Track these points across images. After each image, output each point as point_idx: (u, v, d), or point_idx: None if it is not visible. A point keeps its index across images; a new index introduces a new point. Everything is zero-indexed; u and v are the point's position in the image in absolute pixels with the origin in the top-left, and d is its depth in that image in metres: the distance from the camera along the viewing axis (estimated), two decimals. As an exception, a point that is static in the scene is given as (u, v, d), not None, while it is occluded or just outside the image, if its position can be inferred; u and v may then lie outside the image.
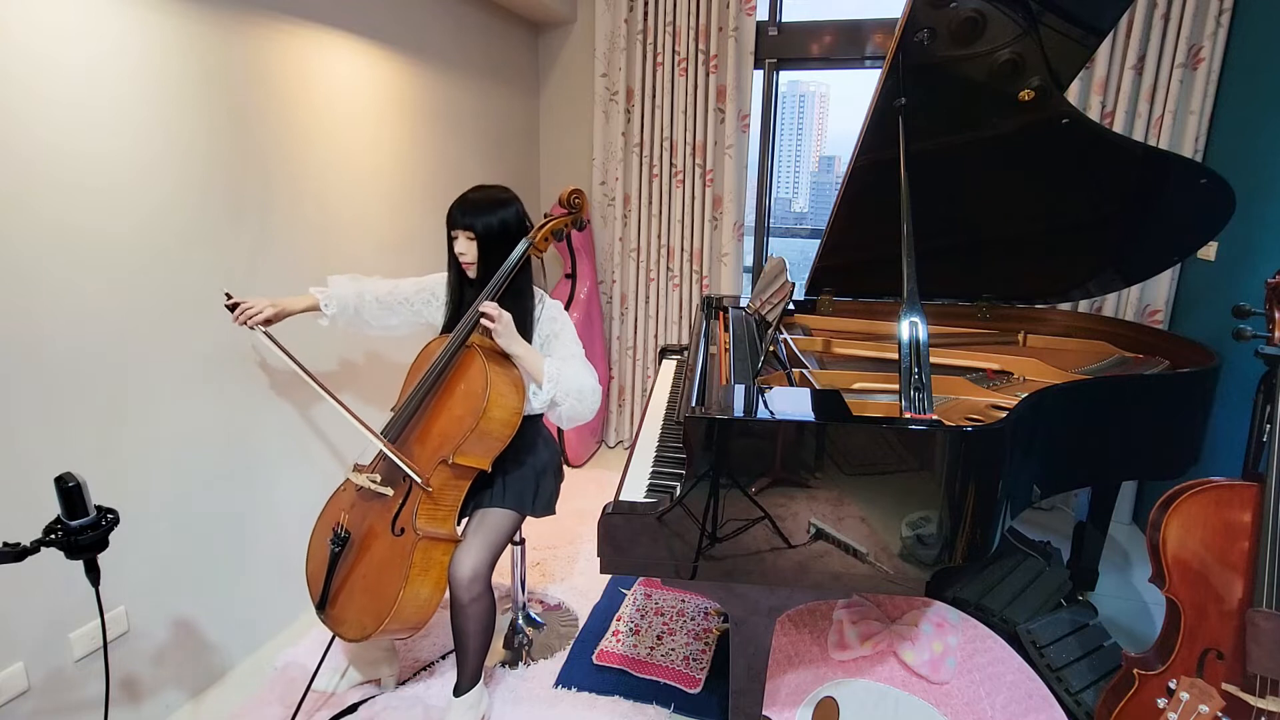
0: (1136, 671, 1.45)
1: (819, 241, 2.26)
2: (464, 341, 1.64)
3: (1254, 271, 2.23)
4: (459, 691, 1.70)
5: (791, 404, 1.41)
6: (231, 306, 1.67)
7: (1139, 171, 1.92)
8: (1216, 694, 1.35)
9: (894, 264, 1.52)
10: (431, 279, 1.86)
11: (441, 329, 1.79)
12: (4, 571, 1.32)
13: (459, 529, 1.70)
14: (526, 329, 1.71)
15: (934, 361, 2.02)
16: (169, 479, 1.73)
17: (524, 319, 1.70)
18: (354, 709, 1.80)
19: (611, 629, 2.15)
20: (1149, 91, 2.58)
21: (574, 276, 3.30)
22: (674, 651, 2.05)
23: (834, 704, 1.74)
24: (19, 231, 1.36)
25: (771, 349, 1.87)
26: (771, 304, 1.86)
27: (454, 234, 1.68)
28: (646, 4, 3.06)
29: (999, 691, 1.76)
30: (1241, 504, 1.36)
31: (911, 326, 1.41)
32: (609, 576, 2.39)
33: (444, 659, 2.00)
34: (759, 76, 3.11)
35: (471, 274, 1.70)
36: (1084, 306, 2.78)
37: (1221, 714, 1.34)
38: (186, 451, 1.77)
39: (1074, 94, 2.64)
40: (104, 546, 1.14)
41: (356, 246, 2.27)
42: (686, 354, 2.36)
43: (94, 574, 1.16)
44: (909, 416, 1.32)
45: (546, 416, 1.72)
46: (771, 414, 1.33)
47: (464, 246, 1.66)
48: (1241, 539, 1.35)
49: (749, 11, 2.94)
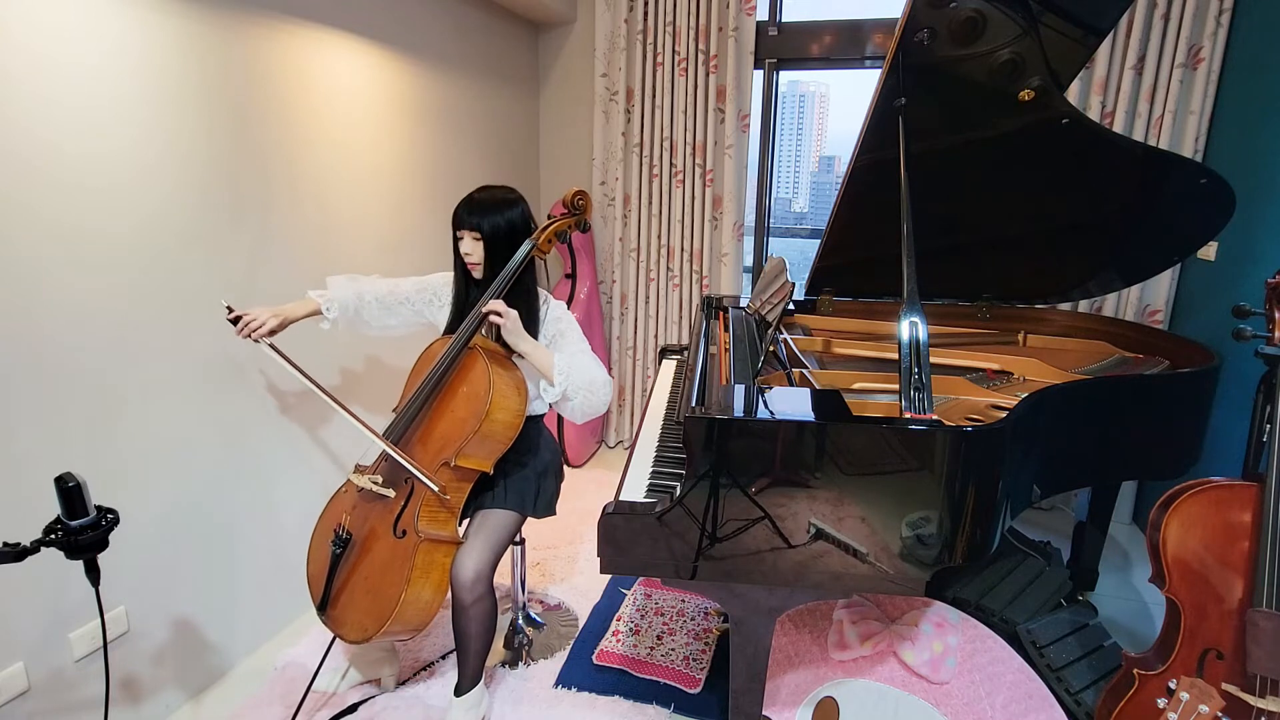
0: (1136, 671, 1.45)
1: (819, 241, 2.26)
2: (467, 343, 1.64)
3: (1254, 271, 2.23)
4: (460, 692, 1.70)
5: (791, 404, 1.41)
6: (234, 320, 1.63)
7: (1139, 171, 1.91)
8: (1216, 694, 1.35)
9: (894, 264, 1.52)
10: (434, 278, 1.85)
11: (444, 330, 1.79)
12: (4, 571, 1.32)
13: (460, 530, 1.70)
14: (533, 329, 1.71)
15: (934, 361, 2.02)
16: (169, 479, 1.73)
17: (530, 319, 1.70)
18: (354, 709, 1.80)
19: (611, 629, 2.15)
20: (1149, 91, 2.58)
21: (574, 276, 3.30)
22: (674, 651, 2.05)
23: (834, 704, 1.74)
24: (19, 231, 1.36)
25: (771, 349, 1.87)
26: (771, 304, 1.86)
27: (459, 234, 1.67)
28: (646, 4, 3.06)
29: (999, 691, 1.76)
30: (1241, 504, 1.36)
31: (911, 326, 1.41)
32: (609, 576, 2.39)
33: (444, 659, 2.00)
34: (759, 76, 3.11)
35: (477, 274, 1.69)
36: (1084, 306, 2.78)
37: (1221, 714, 1.34)
38: (186, 451, 1.77)
39: (1074, 94, 2.64)
40: (104, 546, 1.14)
41: (356, 246, 2.27)
42: (686, 354, 2.36)
43: (94, 574, 1.16)
44: (909, 416, 1.32)
45: (560, 411, 1.71)
46: (771, 414, 1.33)
47: (469, 247, 1.66)
48: (1241, 539, 1.35)
49: (749, 11, 2.94)
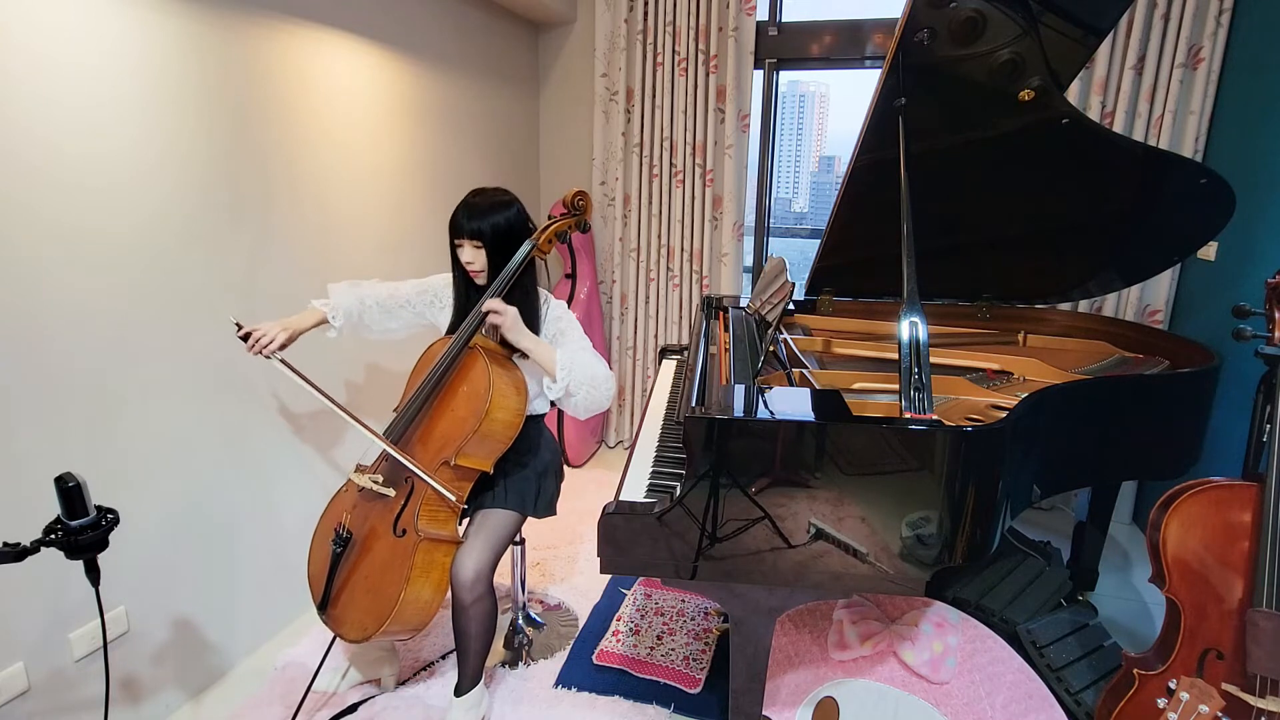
0: (1136, 671, 1.45)
1: (819, 241, 2.26)
2: (467, 343, 1.64)
3: (1254, 271, 2.23)
4: (460, 692, 1.70)
5: (791, 404, 1.41)
6: (244, 337, 1.63)
7: (1139, 171, 1.91)
8: (1216, 694, 1.35)
9: (894, 264, 1.52)
10: (434, 280, 1.85)
11: (446, 331, 1.79)
12: (4, 571, 1.32)
13: (460, 530, 1.70)
14: (534, 328, 1.71)
15: (934, 361, 2.02)
16: (169, 478, 1.73)
17: (531, 318, 1.70)
18: (354, 709, 1.80)
19: (611, 629, 2.15)
20: (1149, 91, 2.58)
21: (574, 276, 3.30)
22: (674, 651, 2.05)
23: (834, 704, 1.74)
24: (19, 231, 1.36)
25: (771, 349, 1.87)
26: (771, 304, 1.86)
27: (459, 242, 1.65)
28: (646, 4, 3.06)
29: (999, 691, 1.76)
30: (1241, 504, 1.36)
31: (911, 326, 1.41)
32: (609, 576, 2.39)
33: (444, 659, 2.00)
34: (759, 76, 3.11)
35: (480, 281, 1.68)
36: (1084, 306, 2.78)
37: (1221, 714, 1.34)
38: (187, 451, 1.77)
39: (1074, 94, 2.64)
40: (104, 546, 1.14)
41: (356, 246, 2.27)
42: (686, 354, 2.36)
43: (94, 574, 1.16)
44: (909, 416, 1.32)
45: (563, 408, 1.71)
46: (771, 414, 1.33)
47: (471, 255, 1.65)
48: (1241, 539, 1.35)
49: (749, 11, 2.94)
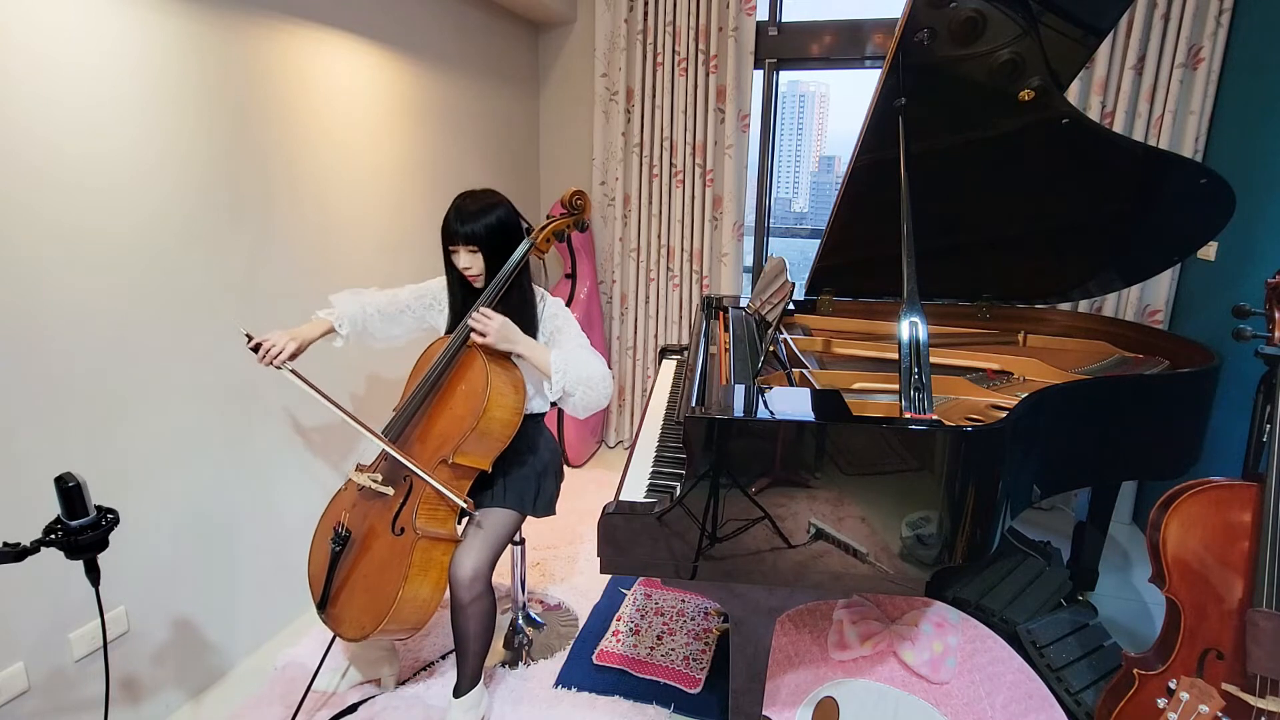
0: (1136, 671, 1.45)
1: (819, 241, 2.26)
2: (465, 341, 1.64)
3: (1254, 271, 2.23)
4: (459, 692, 1.70)
5: (791, 404, 1.41)
6: (255, 348, 1.63)
7: (1139, 171, 1.91)
8: (1216, 694, 1.35)
9: (894, 264, 1.52)
10: (431, 284, 1.85)
11: (445, 331, 1.79)
12: (4, 571, 1.32)
13: (459, 529, 1.70)
14: (531, 328, 1.71)
15: (934, 361, 2.01)
16: (169, 478, 1.73)
17: (528, 319, 1.70)
18: (354, 709, 1.80)
19: (611, 629, 2.15)
20: (1149, 91, 2.58)
21: (574, 276, 3.30)
22: (674, 651, 2.05)
23: (834, 704, 1.74)
24: (19, 231, 1.36)
25: (771, 349, 1.87)
26: (771, 304, 1.86)
27: (454, 249, 1.65)
28: (646, 4, 3.06)
29: (999, 691, 1.76)
30: (1241, 504, 1.36)
31: (911, 326, 1.41)
32: (609, 576, 2.39)
33: (444, 659, 2.00)
34: (759, 76, 3.11)
35: (479, 285, 1.68)
36: (1084, 306, 2.78)
37: (1221, 714, 1.34)
38: (187, 451, 1.77)
39: (1074, 94, 2.64)
40: (104, 546, 1.14)
41: (356, 246, 2.27)
42: (686, 354, 2.36)
43: (94, 574, 1.16)
44: (909, 416, 1.32)
45: (563, 407, 1.71)
46: (771, 414, 1.33)
47: (468, 260, 1.64)
48: (1241, 539, 1.35)
49: (749, 11, 2.94)
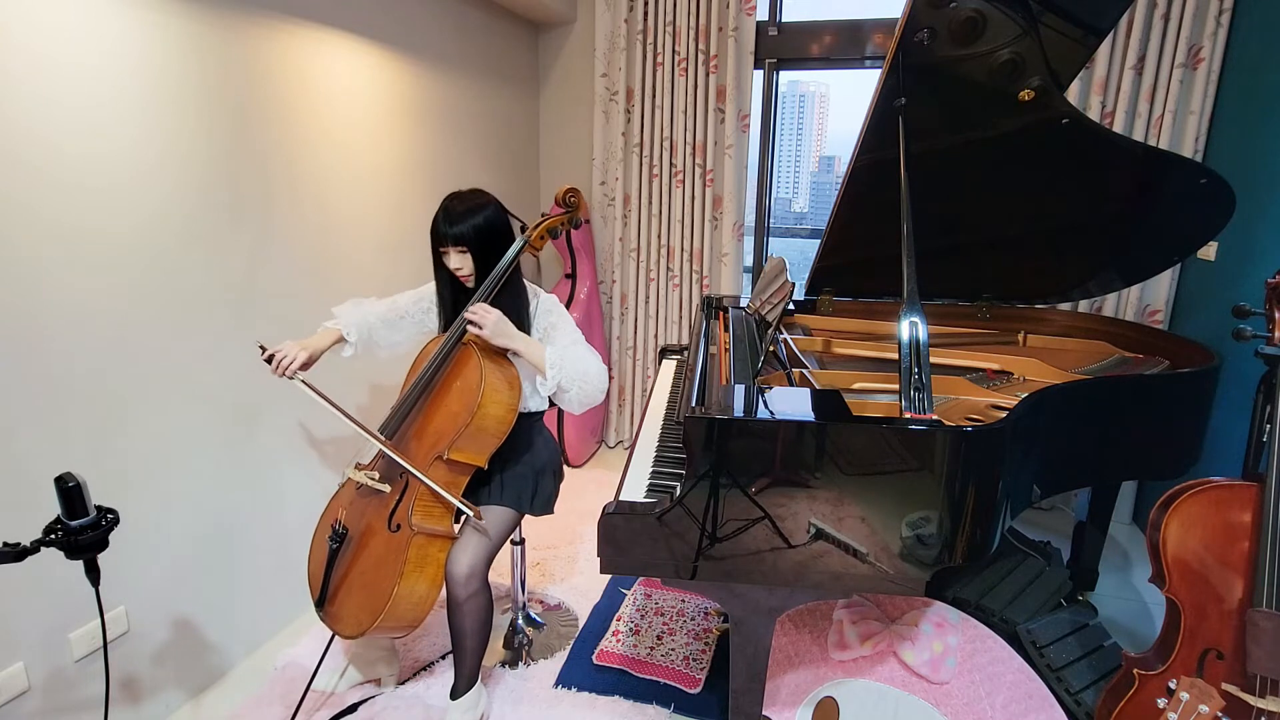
0: (1136, 671, 1.45)
1: (819, 241, 2.26)
2: (460, 339, 1.65)
3: (1254, 271, 2.23)
4: (456, 694, 1.70)
5: (791, 404, 1.41)
6: (268, 359, 1.64)
7: (1139, 171, 1.91)
8: (1216, 694, 1.35)
9: (894, 264, 1.52)
10: (427, 288, 1.86)
11: (440, 330, 1.80)
12: (4, 571, 1.32)
13: (456, 527, 1.70)
14: (524, 325, 1.71)
15: (934, 361, 2.01)
16: (169, 479, 1.73)
17: (520, 315, 1.70)
18: (354, 709, 1.80)
19: (611, 629, 2.15)
20: (1149, 91, 2.57)
21: (574, 276, 3.30)
22: (674, 651, 2.05)
23: (834, 704, 1.74)
24: (19, 231, 1.36)
25: (771, 349, 1.87)
26: (771, 304, 1.86)
27: (443, 250, 1.65)
28: (646, 4, 3.06)
29: (999, 691, 1.76)
30: (1241, 504, 1.36)
31: (911, 326, 1.41)
32: (609, 576, 2.39)
33: (444, 659, 2.00)
34: (759, 76, 3.11)
35: (470, 284, 1.69)
36: (1084, 306, 2.78)
37: (1221, 714, 1.34)
38: (187, 451, 1.77)
39: (1074, 94, 2.64)
40: (104, 546, 1.14)
41: (356, 246, 2.27)
42: (686, 354, 2.36)
43: (94, 574, 1.16)
44: (909, 416, 1.32)
45: (559, 403, 1.71)
46: (771, 414, 1.33)
47: (458, 261, 1.65)
48: (1241, 539, 1.35)
49: (749, 11, 2.94)
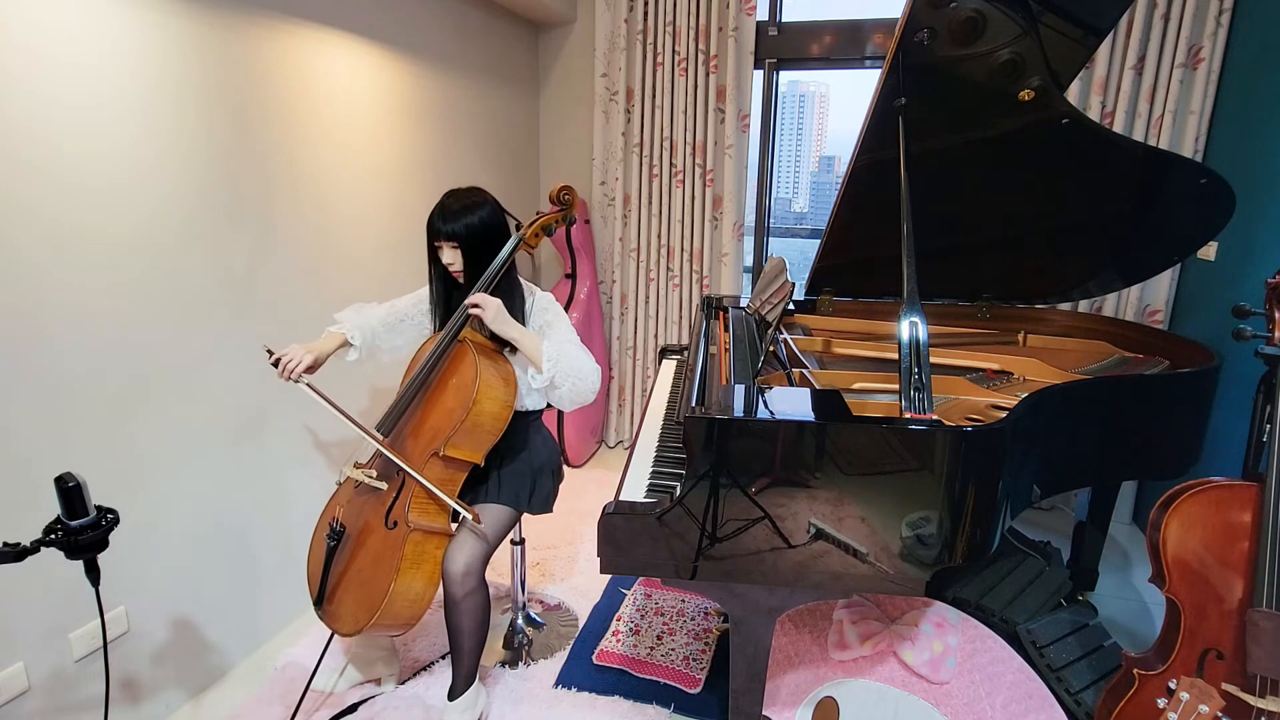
0: (1136, 671, 1.45)
1: (819, 241, 2.26)
2: (455, 336, 1.66)
3: (1254, 271, 2.23)
4: (454, 695, 1.71)
5: (791, 404, 1.41)
6: (275, 363, 1.64)
7: (1139, 171, 1.91)
8: (1216, 694, 1.35)
9: (894, 264, 1.52)
10: (425, 291, 1.87)
11: (436, 329, 1.80)
12: (4, 571, 1.32)
13: (453, 525, 1.70)
14: (519, 321, 1.72)
15: (934, 361, 2.02)
16: (169, 479, 1.73)
17: (516, 312, 1.71)
18: (354, 709, 1.80)
19: (611, 629, 2.15)
20: (1149, 91, 2.57)
21: (574, 276, 3.30)
22: (674, 651, 2.05)
23: (834, 704, 1.74)
24: (19, 231, 1.36)
25: (771, 349, 1.87)
26: (771, 304, 1.86)
27: (438, 244, 1.68)
28: (646, 4, 3.06)
29: (999, 691, 1.76)
30: (1241, 504, 1.36)
31: (911, 326, 1.41)
32: (609, 576, 2.39)
33: (443, 659, 2.00)
34: (759, 76, 3.11)
35: (462, 279, 1.70)
36: (1084, 306, 2.78)
37: (1221, 714, 1.34)
38: (187, 451, 1.77)
39: (1074, 94, 2.64)
40: (104, 546, 1.14)
41: (356, 246, 2.27)
42: (686, 354, 2.36)
43: (94, 574, 1.16)
44: (909, 416, 1.32)
45: (549, 399, 1.72)
46: (771, 414, 1.33)
47: (450, 256, 1.67)
48: (1241, 539, 1.35)
49: (749, 11, 2.94)
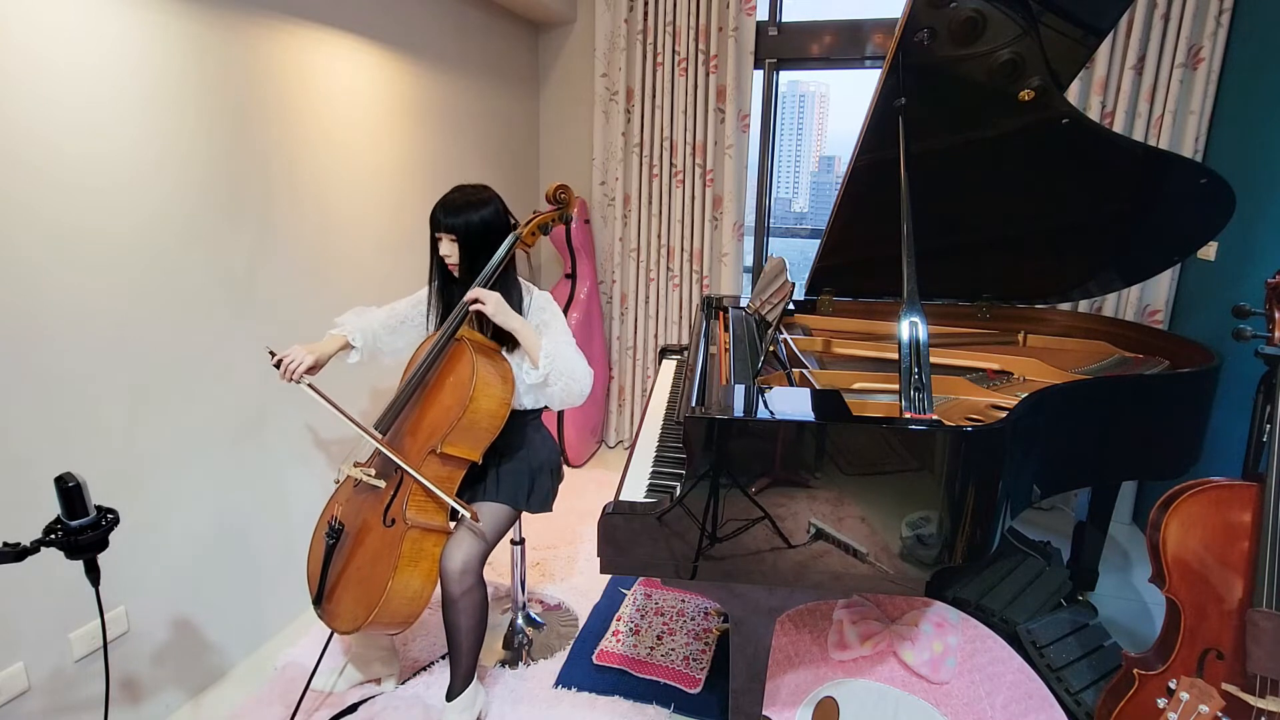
0: (1136, 671, 1.45)
1: (819, 241, 2.26)
2: (453, 334, 1.66)
3: (1254, 271, 2.23)
4: (452, 694, 1.71)
5: (791, 404, 1.41)
6: (277, 364, 1.65)
7: (1139, 171, 1.91)
8: (1216, 694, 1.35)
9: (894, 264, 1.52)
10: (424, 292, 1.88)
11: (434, 327, 1.81)
12: (4, 571, 1.32)
13: (452, 523, 1.70)
14: None
15: (934, 361, 2.01)
16: (169, 479, 1.73)
17: (513, 308, 1.72)
18: (354, 709, 1.80)
19: (611, 629, 2.15)
20: (1149, 91, 2.57)
21: (574, 276, 3.30)
22: (674, 651, 2.05)
23: (834, 704, 1.74)
24: (19, 231, 1.36)
25: (771, 349, 1.87)
26: (771, 304, 1.86)
27: (437, 236, 1.70)
28: (646, 4, 3.06)
29: (999, 691, 1.76)
30: (1241, 504, 1.36)
31: (911, 326, 1.41)
32: (609, 576, 2.39)
33: (444, 659, 2.00)
34: (759, 76, 3.11)
35: (457, 273, 1.72)
36: (1084, 306, 2.78)
37: (1221, 714, 1.34)
38: (187, 451, 1.77)
39: (1074, 94, 2.64)
40: (104, 546, 1.14)
41: (356, 246, 2.27)
42: (686, 354, 2.36)
43: (94, 574, 1.16)
44: (909, 416, 1.32)
45: (539, 396, 1.74)
46: (771, 414, 1.33)
47: (448, 249, 1.69)
48: (1241, 539, 1.35)
49: (749, 11, 2.94)
